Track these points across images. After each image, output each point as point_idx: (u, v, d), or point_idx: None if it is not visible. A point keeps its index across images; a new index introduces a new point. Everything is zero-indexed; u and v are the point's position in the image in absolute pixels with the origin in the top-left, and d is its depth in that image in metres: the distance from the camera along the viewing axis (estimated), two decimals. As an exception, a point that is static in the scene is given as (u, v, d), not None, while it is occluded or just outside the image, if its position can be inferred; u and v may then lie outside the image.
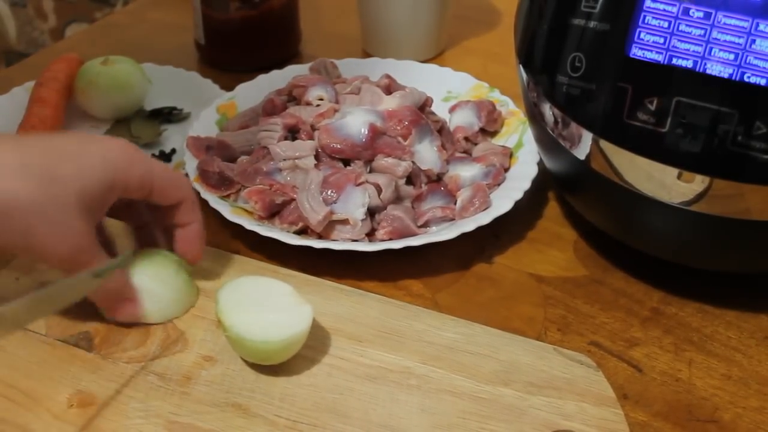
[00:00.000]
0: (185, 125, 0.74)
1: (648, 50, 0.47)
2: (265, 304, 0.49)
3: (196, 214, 0.53)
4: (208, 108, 0.71)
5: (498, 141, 0.70)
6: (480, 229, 0.58)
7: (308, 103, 0.69)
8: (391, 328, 0.52)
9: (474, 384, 0.48)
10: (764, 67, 0.44)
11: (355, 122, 0.63)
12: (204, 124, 0.69)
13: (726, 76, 0.45)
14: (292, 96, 0.71)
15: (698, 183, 0.47)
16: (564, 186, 0.62)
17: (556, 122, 0.54)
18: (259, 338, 0.47)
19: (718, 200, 0.48)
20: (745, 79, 0.44)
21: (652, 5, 0.47)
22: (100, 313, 0.52)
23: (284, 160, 0.62)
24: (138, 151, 0.50)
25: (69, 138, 0.49)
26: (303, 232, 0.60)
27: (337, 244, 0.57)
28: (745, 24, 0.44)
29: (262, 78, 0.75)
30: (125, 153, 0.49)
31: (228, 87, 0.75)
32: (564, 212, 0.65)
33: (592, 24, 0.49)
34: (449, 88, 0.76)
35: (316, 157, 0.63)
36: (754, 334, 0.54)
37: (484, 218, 0.59)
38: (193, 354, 0.50)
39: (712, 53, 0.45)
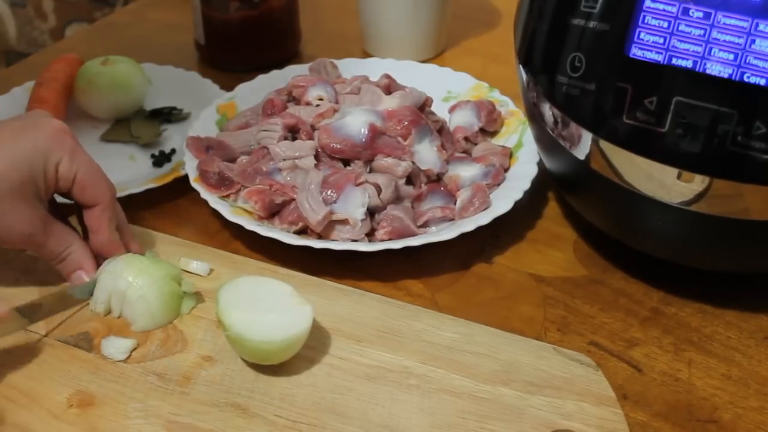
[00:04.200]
0: (185, 125, 0.74)
1: (648, 50, 0.47)
2: (266, 304, 0.49)
3: (103, 223, 0.54)
4: (208, 108, 0.71)
5: (498, 141, 0.70)
6: (480, 229, 0.58)
7: (308, 103, 0.69)
8: (390, 328, 0.52)
9: (473, 384, 0.48)
10: (764, 67, 0.44)
11: (355, 122, 0.63)
12: (204, 124, 0.69)
13: (726, 76, 0.45)
14: (292, 96, 0.71)
15: (698, 183, 0.47)
16: (564, 186, 0.62)
17: (555, 122, 0.54)
18: (259, 338, 0.47)
19: (717, 200, 0.48)
20: (745, 79, 0.44)
21: (652, 5, 0.47)
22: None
23: (284, 160, 0.62)
24: (70, 140, 0.52)
25: (4, 129, 0.51)
26: (303, 232, 0.60)
27: (337, 244, 0.57)
28: (745, 24, 0.44)
29: (262, 78, 0.75)
30: (56, 139, 0.51)
31: (228, 87, 0.75)
32: (564, 212, 0.65)
33: (591, 24, 0.49)
34: (449, 88, 0.76)
35: (316, 157, 0.63)
36: (754, 334, 0.54)
37: (484, 218, 0.59)
38: (192, 354, 0.50)
39: (712, 53, 0.45)
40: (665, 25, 0.46)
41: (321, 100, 0.69)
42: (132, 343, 0.50)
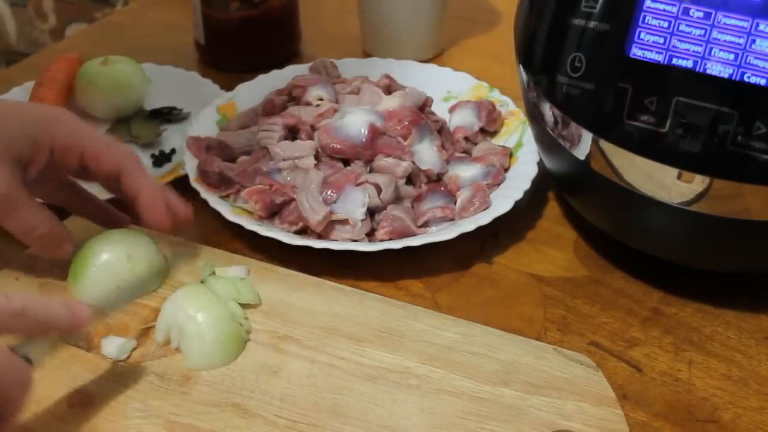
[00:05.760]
0: (185, 125, 0.74)
1: (648, 50, 0.47)
2: None
3: (142, 179, 0.52)
4: (208, 108, 0.71)
5: (498, 141, 0.70)
6: (480, 229, 0.58)
7: (308, 103, 0.69)
8: (390, 328, 0.52)
9: (473, 384, 0.48)
10: (764, 67, 0.44)
11: (355, 122, 0.63)
12: (204, 124, 0.69)
13: (726, 76, 0.45)
14: (292, 96, 0.71)
15: (698, 183, 0.47)
16: (564, 186, 0.62)
17: (556, 122, 0.54)
18: None
19: (718, 200, 0.48)
20: (745, 79, 0.44)
21: (652, 5, 0.47)
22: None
23: (284, 160, 0.62)
24: (71, 116, 0.51)
25: (7, 102, 0.51)
26: (303, 232, 0.60)
27: (337, 244, 0.57)
28: (745, 24, 0.44)
29: (262, 78, 0.75)
30: (53, 113, 0.51)
31: (228, 87, 0.75)
32: (564, 212, 0.65)
33: (592, 24, 0.49)
34: (449, 88, 0.76)
35: (316, 157, 0.63)
36: (754, 334, 0.54)
37: (484, 218, 0.59)
38: (192, 354, 0.50)
39: (712, 53, 0.45)
40: (665, 25, 0.46)
41: (321, 100, 0.69)
42: (132, 342, 0.50)
